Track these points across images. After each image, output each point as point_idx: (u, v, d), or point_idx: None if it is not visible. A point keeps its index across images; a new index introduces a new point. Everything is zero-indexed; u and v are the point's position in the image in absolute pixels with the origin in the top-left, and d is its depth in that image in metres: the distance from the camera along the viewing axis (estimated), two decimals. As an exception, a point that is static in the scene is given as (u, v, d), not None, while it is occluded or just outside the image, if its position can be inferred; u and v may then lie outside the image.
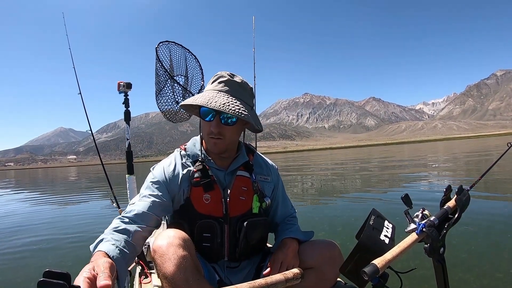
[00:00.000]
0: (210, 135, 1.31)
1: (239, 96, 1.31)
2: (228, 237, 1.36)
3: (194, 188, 1.33)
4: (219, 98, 1.25)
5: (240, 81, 1.33)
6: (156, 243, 1.13)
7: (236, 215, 1.37)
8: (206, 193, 1.33)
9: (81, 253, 3.80)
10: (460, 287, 2.35)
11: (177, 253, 1.07)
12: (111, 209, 6.55)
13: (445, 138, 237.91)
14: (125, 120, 2.85)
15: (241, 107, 1.25)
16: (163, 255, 1.08)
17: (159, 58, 2.35)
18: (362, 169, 14.97)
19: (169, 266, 1.06)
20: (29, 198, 11.57)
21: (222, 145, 1.33)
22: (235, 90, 1.31)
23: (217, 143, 1.32)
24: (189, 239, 1.18)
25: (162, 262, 1.08)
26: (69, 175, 35.55)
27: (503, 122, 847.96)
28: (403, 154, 29.08)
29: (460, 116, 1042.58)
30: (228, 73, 1.33)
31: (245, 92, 1.34)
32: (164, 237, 1.13)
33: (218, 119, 1.28)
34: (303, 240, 1.42)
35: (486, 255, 2.94)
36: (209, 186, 1.33)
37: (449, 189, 0.96)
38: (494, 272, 2.55)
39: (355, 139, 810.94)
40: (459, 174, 9.77)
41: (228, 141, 1.34)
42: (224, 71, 1.35)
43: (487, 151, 21.77)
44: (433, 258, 0.92)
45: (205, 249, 1.33)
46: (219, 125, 1.29)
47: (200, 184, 1.33)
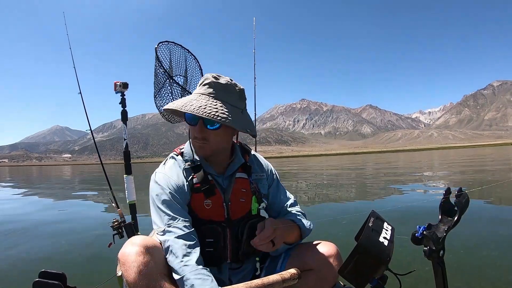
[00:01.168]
0: (194, 139, 1.31)
1: (223, 98, 1.26)
2: (230, 240, 1.36)
3: (195, 195, 1.33)
4: (197, 102, 1.23)
5: (226, 82, 1.29)
6: (121, 251, 1.13)
7: (237, 218, 1.38)
8: (207, 198, 1.33)
9: (78, 253, 3.77)
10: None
11: (137, 261, 1.08)
12: (109, 208, 6.52)
13: (440, 147, 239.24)
14: (122, 120, 2.84)
15: (220, 110, 1.22)
16: (124, 263, 1.09)
17: (159, 58, 2.34)
18: (360, 173, 15.01)
19: (131, 273, 1.06)
20: (24, 196, 11.49)
21: (207, 149, 1.32)
22: (218, 92, 1.27)
23: (202, 147, 1.31)
24: (155, 245, 1.18)
25: (125, 270, 1.08)
26: (63, 173, 35.30)
27: (499, 133, 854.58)
28: (399, 161, 29.23)
29: (456, 125, 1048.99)
30: (213, 75, 1.29)
31: (231, 94, 1.29)
32: (127, 245, 1.14)
33: (201, 123, 1.26)
34: (303, 229, 1.42)
35: (487, 258, 2.96)
36: (210, 191, 1.33)
37: (448, 192, 0.96)
38: (494, 276, 2.57)
39: (351, 146, 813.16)
40: (456, 181, 9.82)
41: (213, 145, 1.31)
42: (210, 73, 1.31)
43: (481, 161, 21.92)
44: (433, 261, 0.92)
45: (207, 254, 1.31)
46: (203, 129, 1.27)
47: (201, 190, 1.32)
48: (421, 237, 0.92)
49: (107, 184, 3.03)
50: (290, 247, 1.43)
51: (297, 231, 1.40)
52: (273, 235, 1.26)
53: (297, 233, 1.41)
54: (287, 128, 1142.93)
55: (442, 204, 0.96)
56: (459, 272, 2.67)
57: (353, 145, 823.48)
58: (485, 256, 3.05)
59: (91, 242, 4.22)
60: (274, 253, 1.43)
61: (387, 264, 0.93)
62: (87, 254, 3.70)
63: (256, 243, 1.25)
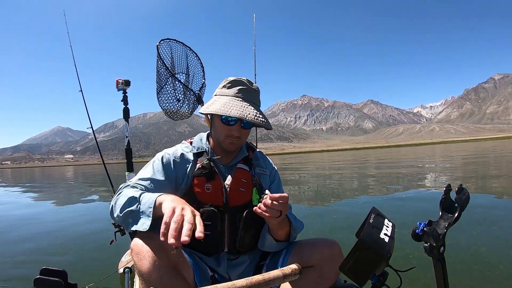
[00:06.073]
0: (229, 137, 1.41)
1: (257, 102, 1.43)
2: (228, 227, 1.38)
3: (197, 178, 1.40)
4: (249, 109, 1.36)
5: (257, 88, 1.45)
6: (134, 241, 1.14)
7: (236, 205, 1.40)
8: (207, 182, 1.38)
9: (79, 250, 3.79)
10: (460, 286, 2.36)
11: (151, 251, 1.09)
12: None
13: (442, 142, 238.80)
14: (124, 117, 2.85)
15: (262, 115, 1.38)
16: (139, 253, 1.10)
17: (160, 56, 2.35)
18: (361, 169, 15.00)
19: (144, 264, 1.07)
20: (26, 195, 11.54)
21: (238, 145, 1.45)
22: (253, 97, 1.42)
23: (234, 143, 1.43)
24: None
25: (138, 260, 1.09)
26: (66, 174, 35.45)
27: (501, 126, 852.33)
28: (401, 155, 29.18)
29: (458, 119, 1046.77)
30: (246, 80, 1.43)
31: (258, 97, 1.46)
32: (141, 235, 1.15)
33: (239, 124, 1.39)
34: (293, 224, 1.43)
35: (487, 254, 2.95)
36: (210, 176, 1.40)
37: (448, 188, 0.96)
38: (494, 272, 2.56)
39: (352, 141, 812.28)
40: (457, 176, 9.80)
41: (242, 142, 1.47)
42: (242, 78, 1.44)
43: (484, 154, 21.89)
44: (433, 257, 0.92)
45: (206, 238, 1.33)
46: (240, 129, 1.40)
47: (202, 174, 1.40)
48: (421, 233, 0.92)
49: (109, 182, 3.06)
50: (290, 244, 1.45)
51: (288, 227, 1.41)
52: (284, 204, 1.22)
53: (288, 229, 1.42)
54: (288, 124, 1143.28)
55: (442, 200, 0.95)
56: (459, 268, 2.67)
57: (354, 141, 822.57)
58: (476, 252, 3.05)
59: (92, 239, 4.25)
60: (271, 248, 1.44)
61: (387, 260, 0.92)
62: (88, 251, 3.72)
63: (266, 203, 1.20)
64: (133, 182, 1.32)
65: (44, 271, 1.39)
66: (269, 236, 1.40)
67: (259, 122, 1.35)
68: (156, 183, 1.35)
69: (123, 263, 2.63)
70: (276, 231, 1.37)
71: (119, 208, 1.18)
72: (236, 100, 1.38)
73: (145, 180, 1.34)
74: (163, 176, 1.38)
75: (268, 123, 1.41)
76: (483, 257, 2.89)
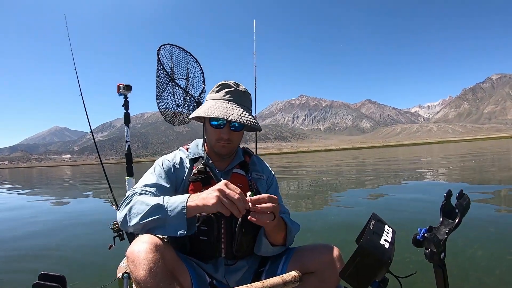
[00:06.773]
0: (219, 140, 1.43)
1: (245, 104, 1.45)
2: (224, 231, 1.37)
3: (193, 183, 1.42)
4: (233, 110, 1.37)
5: (244, 90, 1.47)
6: (129, 248, 1.13)
7: None
8: (203, 187, 1.38)
9: (77, 255, 3.75)
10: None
11: (147, 259, 1.07)
12: (109, 210, 6.51)
13: (440, 141, 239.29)
14: (125, 122, 2.84)
15: (250, 116, 1.39)
16: (134, 260, 1.08)
17: (160, 61, 2.34)
18: (360, 172, 15.00)
19: (140, 271, 1.05)
20: (24, 198, 11.47)
21: (230, 148, 1.46)
22: (241, 99, 1.44)
23: (225, 146, 1.44)
24: (164, 244, 1.18)
25: (134, 268, 1.07)
26: (64, 174, 35.29)
27: (498, 126, 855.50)
28: (398, 156, 29.20)
29: (455, 119, 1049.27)
30: (233, 83, 1.45)
31: (247, 100, 1.48)
32: (136, 243, 1.14)
33: (228, 126, 1.41)
34: (289, 225, 1.42)
35: (487, 260, 2.94)
36: (206, 181, 1.42)
37: (449, 194, 0.96)
38: (495, 278, 2.54)
39: (350, 141, 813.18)
40: (457, 179, 9.82)
41: (235, 145, 1.48)
42: (229, 81, 1.46)
43: (482, 154, 21.94)
44: (434, 263, 0.92)
45: (202, 243, 1.34)
46: (230, 132, 1.41)
47: (198, 179, 1.42)
48: (422, 239, 0.91)
49: (107, 185, 3.03)
50: (290, 250, 1.44)
51: (284, 231, 1.40)
52: (274, 205, 1.20)
53: (284, 234, 1.41)
54: (286, 124, 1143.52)
55: (443, 206, 0.95)
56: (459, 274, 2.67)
57: (352, 140, 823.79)
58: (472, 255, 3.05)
59: (91, 244, 4.21)
60: (267, 253, 1.42)
61: (388, 266, 0.92)
62: (87, 256, 3.68)
63: (251, 210, 1.17)
64: (139, 189, 1.34)
65: (42, 276, 1.37)
66: (265, 240, 1.38)
67: (244, 121, 1.35)
68: (161, 189, 1.37)
69: (122, 268, 2.62)
70: (273, 234, 1.36)
71: (138, 217, 1.18)
72: (222, 102, 1.41)
73: (151, 187, 1.36)
74: (167, 182, 1.41)
75: (257, 124, 1.42)
76: (479, 261, 2.88)
